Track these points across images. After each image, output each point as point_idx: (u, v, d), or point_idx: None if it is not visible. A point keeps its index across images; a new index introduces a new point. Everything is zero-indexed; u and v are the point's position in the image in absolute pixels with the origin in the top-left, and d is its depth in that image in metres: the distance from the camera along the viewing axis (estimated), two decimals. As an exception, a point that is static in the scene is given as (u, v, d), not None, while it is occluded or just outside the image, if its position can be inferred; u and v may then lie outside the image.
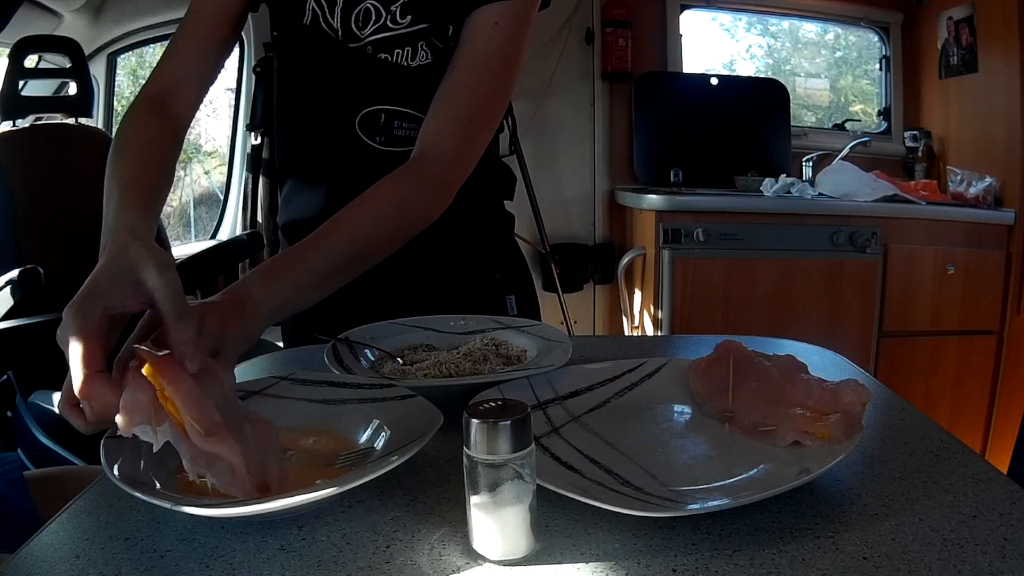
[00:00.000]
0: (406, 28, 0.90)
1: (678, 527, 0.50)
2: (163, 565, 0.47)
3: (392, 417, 0.62)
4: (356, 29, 0.91)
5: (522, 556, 0.47)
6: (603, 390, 0.71)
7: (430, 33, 0.90)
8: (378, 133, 0.94)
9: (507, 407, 0.46)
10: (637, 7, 2.79)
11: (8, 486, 0.87)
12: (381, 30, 0.90)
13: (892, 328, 2.40)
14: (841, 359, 0.89)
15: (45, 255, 1.99)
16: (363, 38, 0.91)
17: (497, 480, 0.45)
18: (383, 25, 0.90)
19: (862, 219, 2.34)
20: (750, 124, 2.84)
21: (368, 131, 0.94)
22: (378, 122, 0.94)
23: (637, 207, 2.52)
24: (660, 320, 2.35)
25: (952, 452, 0.62)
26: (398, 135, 0.95)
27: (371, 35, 0.91)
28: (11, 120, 2.22)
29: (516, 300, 1.09)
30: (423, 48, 0.91)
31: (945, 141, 2.80)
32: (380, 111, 0.94)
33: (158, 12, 2.72)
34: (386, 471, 0.51)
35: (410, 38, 0.90)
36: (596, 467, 0.56)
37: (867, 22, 2.97)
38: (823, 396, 0.61)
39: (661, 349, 1.09)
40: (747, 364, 0.68)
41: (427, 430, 0.56)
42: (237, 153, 3.00)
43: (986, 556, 0.46)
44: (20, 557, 0.48)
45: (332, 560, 0.47)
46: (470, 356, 0.78)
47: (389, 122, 0.94)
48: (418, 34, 0.90)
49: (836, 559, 0.46)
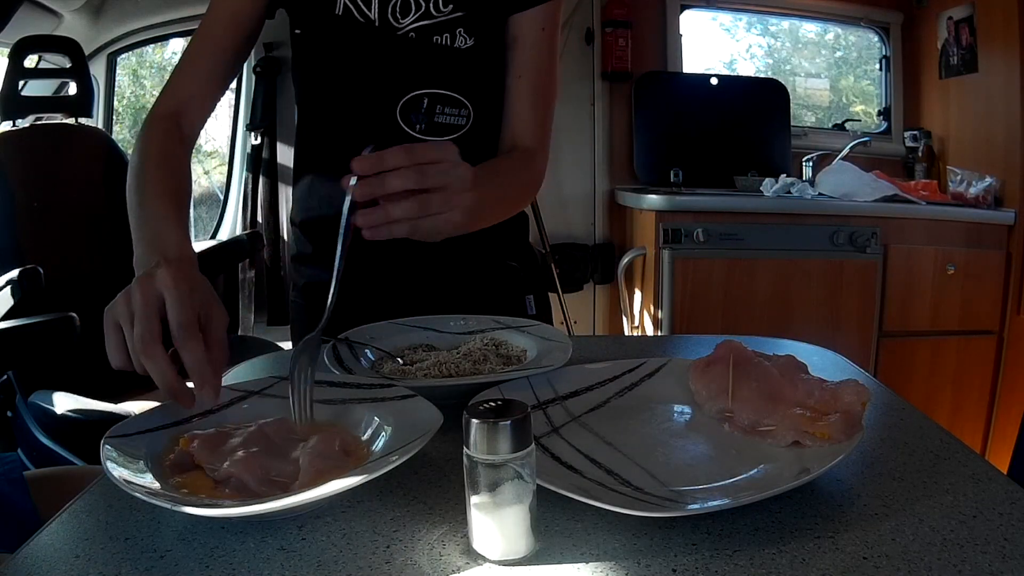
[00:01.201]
0: (448, 15, 0.93)
1: (678, 527, 0.50)
2: (163, 565, 0.47)
3: (392, 417, 0.62)
4: (394, 20, 0.92)
5: (522, 556, 0.46)
6: (603, 390, 0.71)
7: (466, 20, 0.93)
8: (419, 120, 0.95)
9: (507, 407, 0.46)
10: (637, 7, 2.79)
11: (8, 486, 0.87)
12: (423, 18, 0.92)
13: (892, 328, 2.40)
14: (841, 359, 0.89)
15: (45, 255, 1.99)
16: (404, 26, 0.93)
17: (497, 480, 0.45)
18: (426, 13, 0.92)
19: (862, 219, 2.34)
20: (750, 124, 2.84)
21: (408, 119, 0.95)
22: (420, 107, 0.95)
23: (637, 207, 2.52)
24: (660, 320, 2.34)
25: (952, 452, 0.62)
26: (438, 122, 0.96)
27: (412, 23, 0.92)
28: (11, 120, 2.22)
29: (534, 300, 1.11)
30: (462, 34, 0.94)
31: (945, 141, 2.80)
32: (423, 95, 0.95)
33: (158, 12, 2.72)
34: (386, 471, 0.51)
35: (449, 25, 0.93)
36: (596, 467, 0.57)
37: (867, 22, 2.97)
38: (823, 396, 0.61)
39: (661, 349, 1.09)
40: (747, 364, 0.68)
41: (427, 430, 0.56)
42: (237, 153, 3.00)
43: (986, 556, 0.46)
44: (20, 557, 0.48)
45: (332, 560, 0.47)
46: (470, 356, 0.78)
47: (431, 107, 0.95)
48: (456, 21, 0.93)
49: (836, 559, 0.46)
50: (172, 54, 3.28)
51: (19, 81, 2.20)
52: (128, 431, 0.58)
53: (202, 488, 0.54)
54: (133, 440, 0.57)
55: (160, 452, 0.58)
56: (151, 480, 0.53)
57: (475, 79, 0.96)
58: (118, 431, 0.58)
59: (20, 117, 2.22)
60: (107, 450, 0.54)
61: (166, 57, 3.28)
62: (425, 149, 0.68)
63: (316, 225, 1.03)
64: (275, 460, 0.56)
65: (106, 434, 0.56)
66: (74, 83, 2.26)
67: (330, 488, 0.49)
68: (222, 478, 0.54)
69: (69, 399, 1.81)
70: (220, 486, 0.54)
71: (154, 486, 0.52)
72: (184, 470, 0.56)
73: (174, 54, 3.28)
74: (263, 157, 2.85)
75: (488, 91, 0.99)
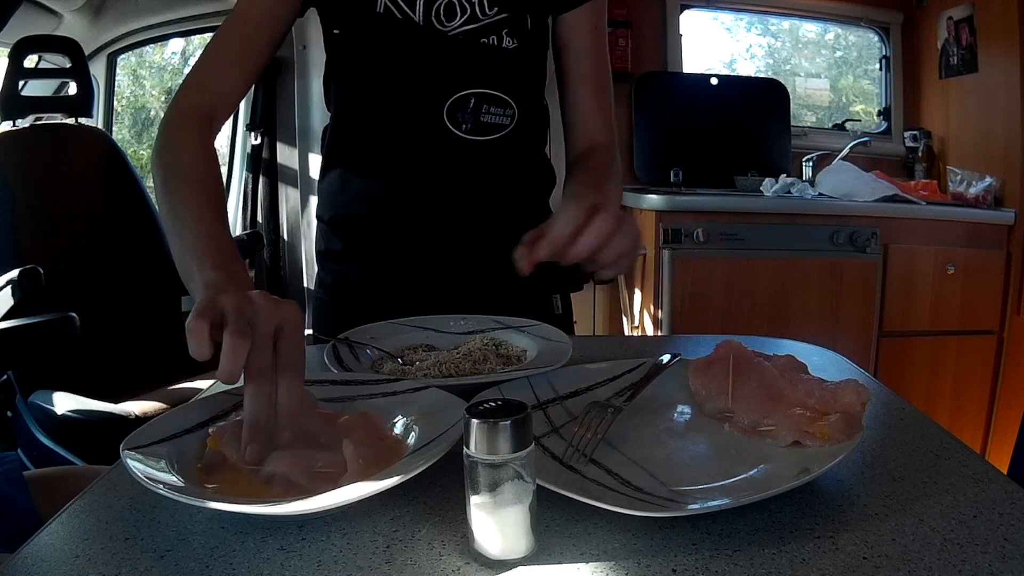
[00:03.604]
0: (492, 18, 0.93)
1: (678, 527, 0.50)
2: (163, 565, 0.47)
3: (410, 407, 0.62)
4: (439, 22, 0.92)
5: (522, 556, 0.46)
6: (603, 390, 0.71)
7: (511, 22, 0.94)
8: (465, 120, 0.95)
9: (507, 407, 0.46)
10: (637, 7, 2.79)
11: (8, 486, 0.87)
12: (471, 21, 0.93)
13: (892, 328, 2.40)
14: (841, 359, 0.89)
15: (45, 255, 1.99)
16: (452, 29, 0.93)
17: (497, 480, 0.45)
18: (472, 16, 0.93)
19: (862, 219, 2.34)
20: (750, 124, 2.84)
21: (455, 118, 0.95)
22: (467, 107, 0.95)
23: (637, 207, 2.52)
24: (660, 320, 2.34)
25: (952, 452, 0.62)
26: (484, 121, 0.96)
27: (460, 26, 0.93)
28: (11, 120, 2.22)
29: (560, 299, 1.12)
30: (507, 36, 0.94)
31: (945, 141, 2.80)
32: (470, 95, 0.95)
33: (158, 12, 2.72)
34: (430, 464, 0.51)
35: (495, 27, 0.94)
36: (596, 467, 0.56)
37: (867, 22, 2.97)
38: (823, 396, 0.61)
39: (661, 349, 1.09)
40: (747, 364, 0.68)
41: (455, 418, 0.56)
42: (237, 153, 3.00)
43: (986, 556, 0.46)
44: (20, 557, 0.48)
45: (332, 560, 0.47)
46: (470, 356, 0.78)
47: (478, 106, 0.96)
48: (500, 23, 0.94)
49: (836, 559, 0.46)
50: (172, 54, 3.28)
51: (19, 81, 2.20)
52: (143, 442, 0.55)
53: (248, 489, 0.52)
54: (154, 449, 0.55)
55: (190, 457, 0.55)
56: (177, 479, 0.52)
57: (520, 79, 0.98)
58: (132, 443, 0.55)
59: (20, 117, 2.23)
60: (131, 461, 0.52)
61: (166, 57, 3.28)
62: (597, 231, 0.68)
63: (347, 222, 1.03)
64: (318, 452, 0.55)
65: (123, 445, 0.54)
66: (74, 83, 2.26)
67: (388, 482, 0.49)
68: (266, 477, 0.53)
69: (69, 399, 1.81)
70: (267, 486, 0.53)
71: (203, 491, 0.50)
72: (217, 471, 0.54)
73: (174, 54, 3.28)
74: (263, 157, 2.85)
75: (531, 91, 1.00)
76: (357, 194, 1.01)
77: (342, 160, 1.03)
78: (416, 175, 0.98)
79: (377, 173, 1.00)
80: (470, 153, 0.97)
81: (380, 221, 1.01)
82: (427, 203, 0.99)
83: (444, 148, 0.96)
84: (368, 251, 1.03)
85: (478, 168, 0.98)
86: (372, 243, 1.02)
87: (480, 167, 0.98)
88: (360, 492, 0.49)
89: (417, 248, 1.01)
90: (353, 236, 1.03)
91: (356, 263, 1.04)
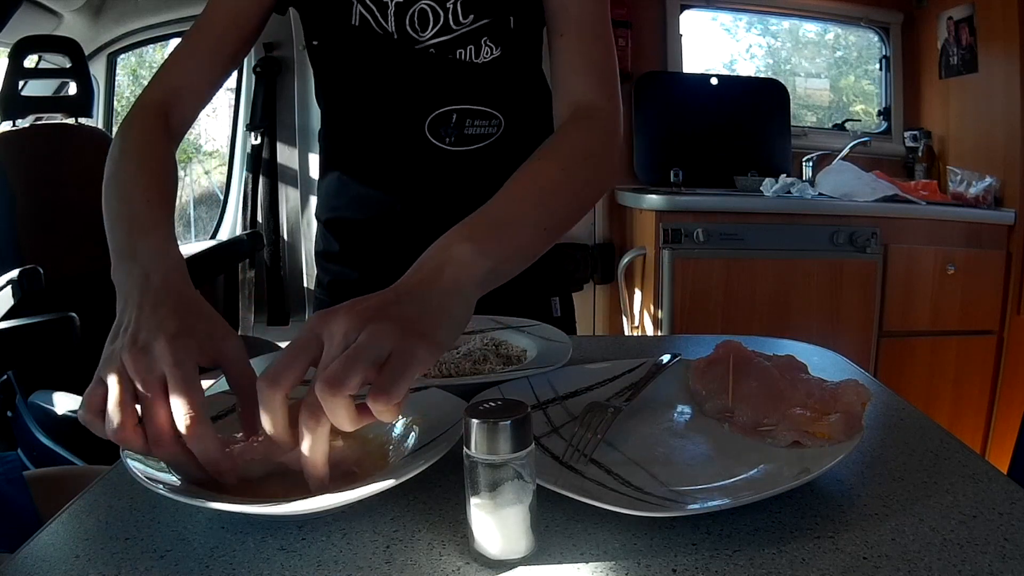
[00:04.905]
0: (469, 27, 0.88)
1: (678, 527, 0.50)
2: (163, 565, 0.47)
3: (416, 413, 0.62)
4: (414, 32, 0.88)
5: (522, 556, 0.46)
6: (603, 390, 0.71)
7: (492, 28, 0.89)
8: (448, 134, 0.93)
9: (507, 407, 0.46)
10: (637, 7, 2.79)
11: (8, 486, 0.87)
12: (444, 32, 0.88)
13: (892, 328, 2.40)
14: (841, 359, 0.89)
15: (45, 255, 1.99)
16: (424, 40, 0.89)
17: (497, 480, 0.45)
18: (445, 26, 0.88)
19: (862, 219, 2.34)
20: (750, 124, 2.84)
21: (437, 133, 0.93)
22: (449, 122, 0.93)
23: (637, 207, 2.52)
24: (660, 320, 2.34)
25: (952, 452, 0.62)
26: (469, 133, 0.94)
27: (432, 37, 0.88)
28: (11, 120, 2.22)
29: (560, 302, 1.10)
30: (487, 43, 0.89)
31: (945, 141, 2.80)
32: (451, 111, 0.92)
33: (158, 12, 2.72)
34: (430, 465, 0.51)
35: (473, 36, 0.89)
36: (596, 467, 0.56)
37: (867, 22, 2.97)
38: (823, 396, 0.61)
39: (661, 349, 1.09)
40: (747, 364, 0.68)
41: (455, 416, 0.56)
42: (237, 153, 3.00)
43: (986, 556, 0.46)
44: (20, 557, 0.48)
45: (332, 560, 0.47)
46: (470, 356, 0.78)
47: (460, 121, 0.93)
48: (480, 31, 0.89)
49: (836, 559, 0.46)
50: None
51: (19, 81, 2.20)
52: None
53: (248, 490, 0.53)
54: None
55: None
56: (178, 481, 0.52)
57: (503, 89, 0.94)
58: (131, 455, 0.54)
59: (20, 117, 2.22)
60: (131, 461, 0.52)
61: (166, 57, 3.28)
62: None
63: (343, 225, 1.03)
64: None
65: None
66: (74, 83, 2.26)
67: (388, 482, 0.49)
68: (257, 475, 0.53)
69: (69, 399, 1.81)
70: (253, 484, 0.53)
71: (203, 491, 0.50)
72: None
73: (174, 54, 3.27)
74: (263, 157, 2.85)
75: (518, 98, 0.96)
76: (352, 198, 1.01)
77: (337, 164, 1.03)
78: (404, 184, 0.97)
79: (368, 180, 1.00)
80: (457, 163, 0.94)
81: (374, 226, 1.01)
82: (418, 210, 0.98)
83: (429, 160, 0.94)
84: (364, 254, 1.03)
85: (466, 177, 0.96)
86: (368, 246, 1.02)
87: (468, 176, 0.96)
88: (360, 492, 0.49)
89: (412, 252, 1.00)
90: (349, 239, 1.03)
91: (353, 265, 1.04)
